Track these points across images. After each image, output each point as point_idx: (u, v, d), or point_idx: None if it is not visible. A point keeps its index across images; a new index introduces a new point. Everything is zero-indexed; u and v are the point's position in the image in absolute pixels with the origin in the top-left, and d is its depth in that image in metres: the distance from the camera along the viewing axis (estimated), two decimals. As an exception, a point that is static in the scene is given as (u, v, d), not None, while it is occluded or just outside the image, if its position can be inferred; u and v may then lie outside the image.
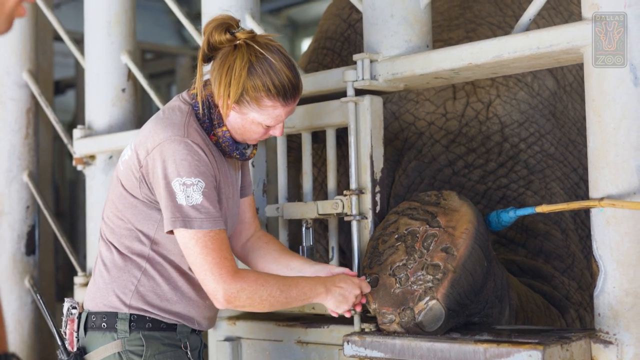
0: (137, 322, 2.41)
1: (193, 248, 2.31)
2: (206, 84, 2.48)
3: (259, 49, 2.38)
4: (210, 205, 2.32)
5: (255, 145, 2.59)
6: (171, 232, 2.34)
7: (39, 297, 2.66)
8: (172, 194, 2.30)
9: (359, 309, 2.55)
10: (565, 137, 3.52)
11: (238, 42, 2.40)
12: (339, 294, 2.46)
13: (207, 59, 2.47)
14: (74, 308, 2.50)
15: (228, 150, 2.48)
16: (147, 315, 2.41)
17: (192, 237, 2.30)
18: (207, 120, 2.45)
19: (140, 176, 2.38)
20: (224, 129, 2.45)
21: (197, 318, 2.49)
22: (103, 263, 2.48)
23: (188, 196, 2.29)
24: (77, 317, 2.48)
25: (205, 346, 2.65)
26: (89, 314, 2.46)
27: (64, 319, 2.51)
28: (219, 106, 2.44)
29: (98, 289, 2.47)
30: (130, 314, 2.41)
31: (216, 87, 2.42)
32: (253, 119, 2.42)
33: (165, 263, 2.43)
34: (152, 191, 2.38)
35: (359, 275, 2.64)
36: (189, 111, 2.45)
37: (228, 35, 2.40)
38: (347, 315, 2.55)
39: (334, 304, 2.46)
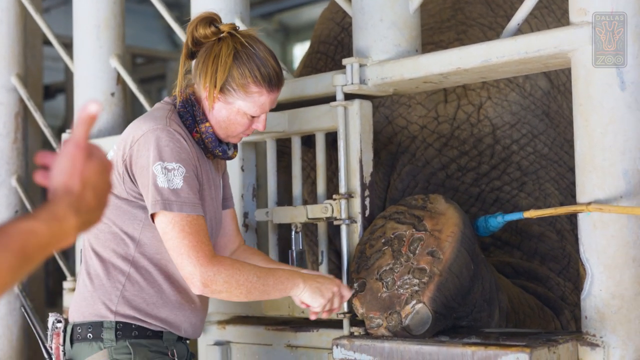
0: (123, 330, 2.39)
1: (171, 232, 2.32)
2: (188, 84, 2.52)
3: (243, 38, 2.45)
4: (191, 190, 2.34)
5: (236, 147, 2.62)
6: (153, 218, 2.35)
7: (27, 311, 2.65)
8: (154, 177, 2.31)
9: (325, 315, 2.53)
10: (560, 137, 3.51)
11: (222, 34, 2.46)
12: (316, 287, 2.46)
13: (191, 56, 2.52)
14: (59, 322, 2.48)
15: (211, 147, 2.49)
16: (133, 322, 2.40)
17: (170, 221, 2.31)
18: (190, 117, 2.47)
19: (124, 170, 2.39)
20: (207, 124, 2.48)
21: (183, 324, 2.48)
22: (87, 272, 2.47)
23: (169, 180, 2.31)
24: (63, 331, 2.47)
25: (193, 356, 2.64)
26: (74, 325, 2.44)
27: (49, 333, 2.49)
28: (202, 100, 2.48)
29: (83, 299, 2.45)
30: (116, 322, 2.39)
31: (202, 78, 2.46)
32: (239, 108, 2.45)
33: (150, 266, 2.43)
34: (135, 182, 2.39)
35: (347, 280, 2.65)
36: (170, 109, 2.49)
37: (212, 29, 2.46)
38: (313, 317, 2.54)
39: (310, 296, 2.46)
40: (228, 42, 2.43)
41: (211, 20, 2.47)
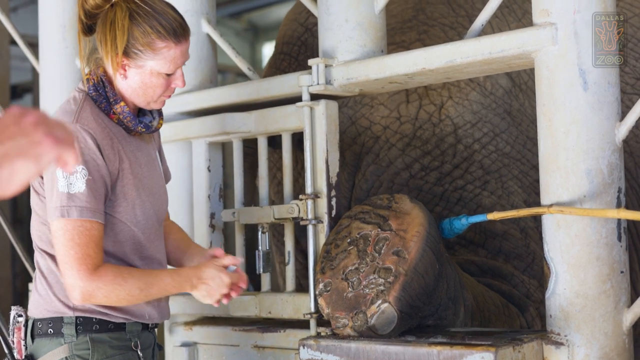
0: (84, 324, 2.37)
1: (61, 238, 2.27)
2: (98, 64, 2.45)
3: None
4: (92, 195, 2.27)
5: (161, 115, 2.55)
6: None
7: None
8: (55, 181, 2.26)
9: (226, 301, 2.48)
10: (522, 135, 3.53)
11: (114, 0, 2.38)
12: (205, 290, 2.42)
13: (88, 30, 2.44)
14: (20, 316, 2.45)
15: (132, 126, 2.43)
16: (93, 316, 2.37)
17: (62, 227, 2.26)
18: (104, 100, 2.41)
19: None
20: (122, 104, 2.41)
21: (146, 310, 2.45)
22: (40, 271, 2.43)
23: (70, 183, 2.25)
24: (24, 325, 2.44)
25: (160, 347, 2.60)
26: (35, 321, 2.42)
27: (10, 327, 2.46)
28: (111, 69, 2.40)
29: (40, 296, 2.42)
30: (76, 317, 2.36)
31: (103, 48, 2.39)
32: (151, 69, 2.38)
33: (106, 259, 2.36)
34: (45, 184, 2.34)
35: (313, 280, 2.65)
36: (83, 97, 2.41)
37: None
38: (213, 303, 2.50)
39: (199, 297, 2.44)
40: (121, 5, 2.35)
41: None
